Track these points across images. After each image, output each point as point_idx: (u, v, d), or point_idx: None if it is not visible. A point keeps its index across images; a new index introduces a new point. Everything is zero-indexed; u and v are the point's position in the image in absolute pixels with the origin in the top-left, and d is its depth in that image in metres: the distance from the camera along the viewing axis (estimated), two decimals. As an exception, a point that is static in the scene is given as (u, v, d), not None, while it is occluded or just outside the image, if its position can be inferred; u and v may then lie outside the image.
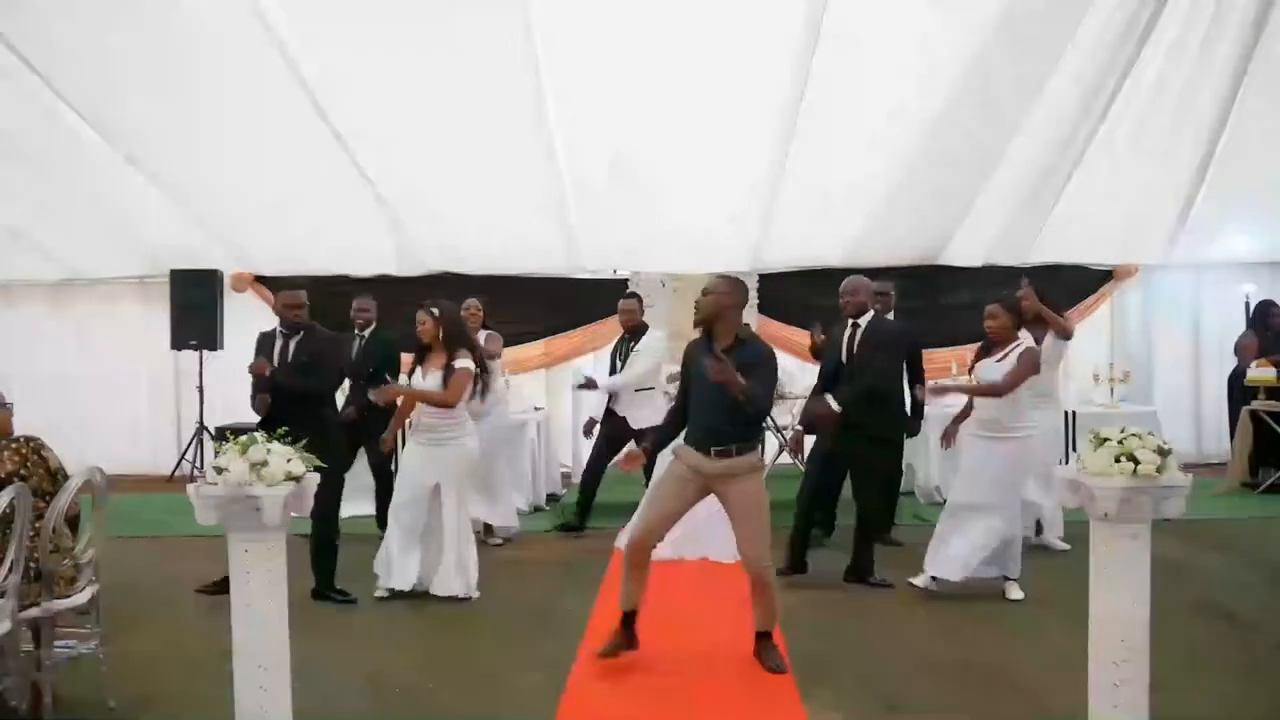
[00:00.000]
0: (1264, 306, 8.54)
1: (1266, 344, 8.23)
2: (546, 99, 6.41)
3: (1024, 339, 5.10)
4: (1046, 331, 5.86)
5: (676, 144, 6.86)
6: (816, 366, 5.88)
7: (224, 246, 8.53)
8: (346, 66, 6.15)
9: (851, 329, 5.45)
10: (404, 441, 5.64)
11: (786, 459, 8.29)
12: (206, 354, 8.70)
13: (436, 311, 5.17)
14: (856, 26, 5.78)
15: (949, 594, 5.06)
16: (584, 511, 6.69)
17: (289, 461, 3.09)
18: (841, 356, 5.45)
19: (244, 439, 3.12)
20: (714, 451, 4.06)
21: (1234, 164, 7.45)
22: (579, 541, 6.49)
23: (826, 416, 5.32)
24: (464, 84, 6.31)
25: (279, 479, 3.04)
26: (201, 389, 8.68)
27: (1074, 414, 7.41)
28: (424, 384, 5.14)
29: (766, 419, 4.14)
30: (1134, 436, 3.09)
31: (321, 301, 8.26)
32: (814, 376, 5.88)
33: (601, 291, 8.60)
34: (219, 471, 3.04)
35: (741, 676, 4.04)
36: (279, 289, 5.72)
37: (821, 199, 7.56)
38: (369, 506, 6.54)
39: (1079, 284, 9.11)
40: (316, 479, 3.25)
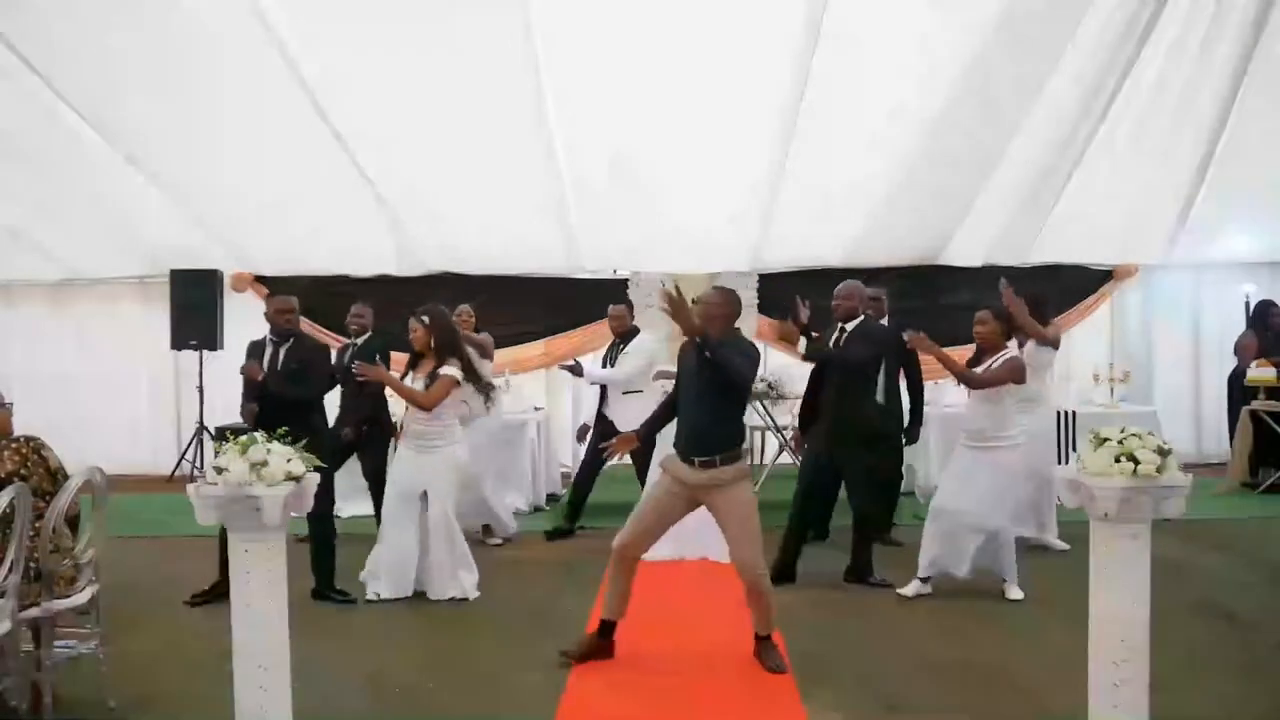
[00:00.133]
0: (1263, 306, 8.55)
1: (1266, 344, 8.23)
2: (546, 99, 6.41)
3: (1011, 348, 5.12)
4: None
5: (676, 144, 6.86)
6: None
7: (224, 246, 8.53)
8: (346, 66, 6.15)
9: (839, 333, 5.50)
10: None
11: (787, 459, 8.30)
12: (206, 354, 8.70)
13: (427, 320, 5.17)
14: (856, 26, 5.78)
15: (949, 594, 5.05)
16: (574, 513, 6.68)
17: (289, 461, 3.09)
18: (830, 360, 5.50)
19: (244, 439, 3.12)
20: (698, 462, 4.07)
21: (1234, 164, 7.45)
22: (579, 541, 6.49)
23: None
24: (464, 84, 6.31)
25: (279, 479, 3.04)
26: (201, 389, 8.69)
27: (1074, 414, 7.41)
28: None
29: (748, 410, 4.15)
30: (1134, 436, 3.09)
31: (322, 302, 8.41)
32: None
33: (601, 291, 8.59)
34: (219, 471, 3.04)
35: (741, 676, 4.04)
36: (278, 289, 5.73)
37: (821, 199, 7.56)
38: (369, 507, 6.53)
39: (1079, 284, 9.13)
40: (316, 479, 3.25)
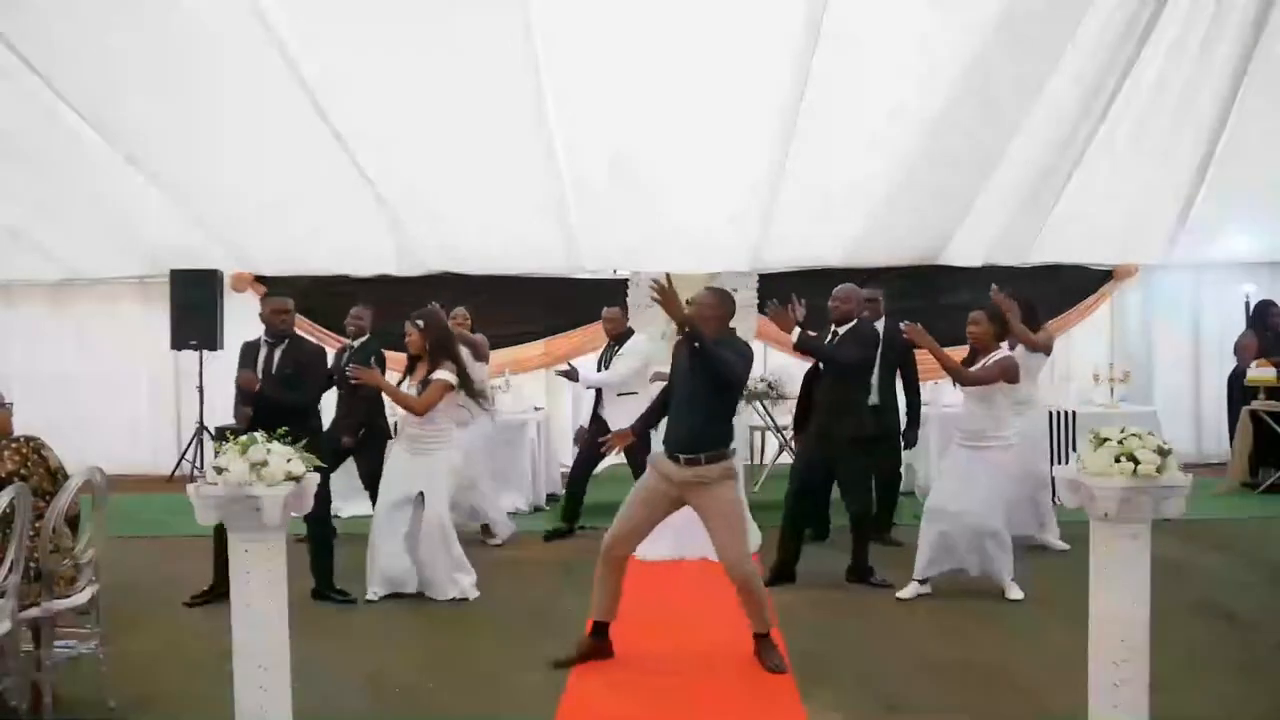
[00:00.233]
0: (1263, 306, 8.54)
1: (1266, 344, 8.23)
2: (546, 99, 6.41)
3: (1005, 348, 5.12)
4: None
5: (676, 144, 6.86)
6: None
7: (224, 246, 8.53)
8: (346, 66, 6.15)
9: (832, 335, 5.53)
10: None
11: (787, 459, 8.30)
12: (206, 354, 8.70)
13: (421, 324, 5.18)
14: (856, 26, 5.77)
15: (949, 594, 5.05)
16: (571, 513, 6.67)
17: (289, 461, 3.09)
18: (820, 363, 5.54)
19: (244, 439, 3.12)
20: (683, 460, 4.08)
21: (1234, 164, 7.45)
22: (578, 542, 6.48)
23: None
24: (464, 84, 6.31)
25: (279, 479, 3.04)
26: (201, 389, 8.68)
27: (1074, 414, 7.40)
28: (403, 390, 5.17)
29: (737, 410, 4.17)
30: (1134, 436, 3.09)
31: (322, 302, 8.41)
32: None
33: (601, 291, 8.58)
34: (219, 471, 3.04)
35: (741, 676, 4.04)
36: (278, 289, 5.72)
37: (821, 199, 7.56)
38: (369, 507, 6.53)
39: (1079, 284, 9.13)
40: (316, 479, 3.25)
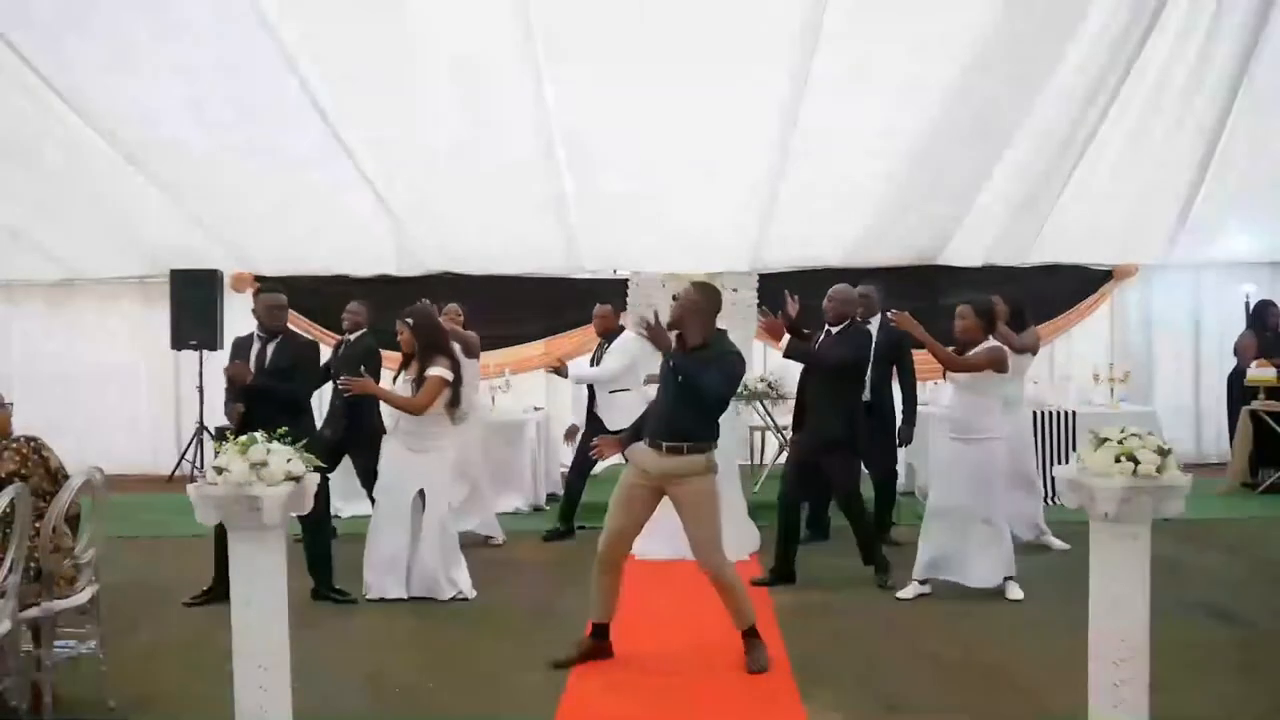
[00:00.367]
0: (1263, 306, 8.54)
1: (1266, 344, 8.23)
2: (546, 99, 6.41)
3: (992, 341, 5.08)
4: (1018, 332, 5.81)
5: (677, 144, 6.86)
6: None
7: (224, 246, 8.54)
8: (347, 66, 6.16)
9: (825, 335, 5.54)
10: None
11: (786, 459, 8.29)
12: (206, 354, 8.70)
13: (411, 322, 5.16)
14: (856, 27, 5.78)
15: (949, 594, 5.05)
16: (569, 514, 6.65)
17: (289, 461, 3.09)
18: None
19: (244, 439, 3.12)
20: (665, 448, 4.06)
21: (1234, 164, 7.45)
22: (578, 542, 6.47)
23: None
24: (464, 84, 6.32)
25: (279, 479, 3.04)
26: (201, 389, 8.68)
27: (1074, 414, 7.41)
28: (401, 390, 5.14)
29: (724, 411, 4.19)
30: (1134, 436, 3.09)
31: (322, 302, 8.40)
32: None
33: (601, 292, 8.57)
34: (219, 471, 3.04)
35: (741, 676, 4.04)
36: (275, 287, 5.69)
37: (821, 199, 7.56)
38: (369, 507, 6.52)
39: (1079, 284, 9.13)
40: (316, 479, 3.25)
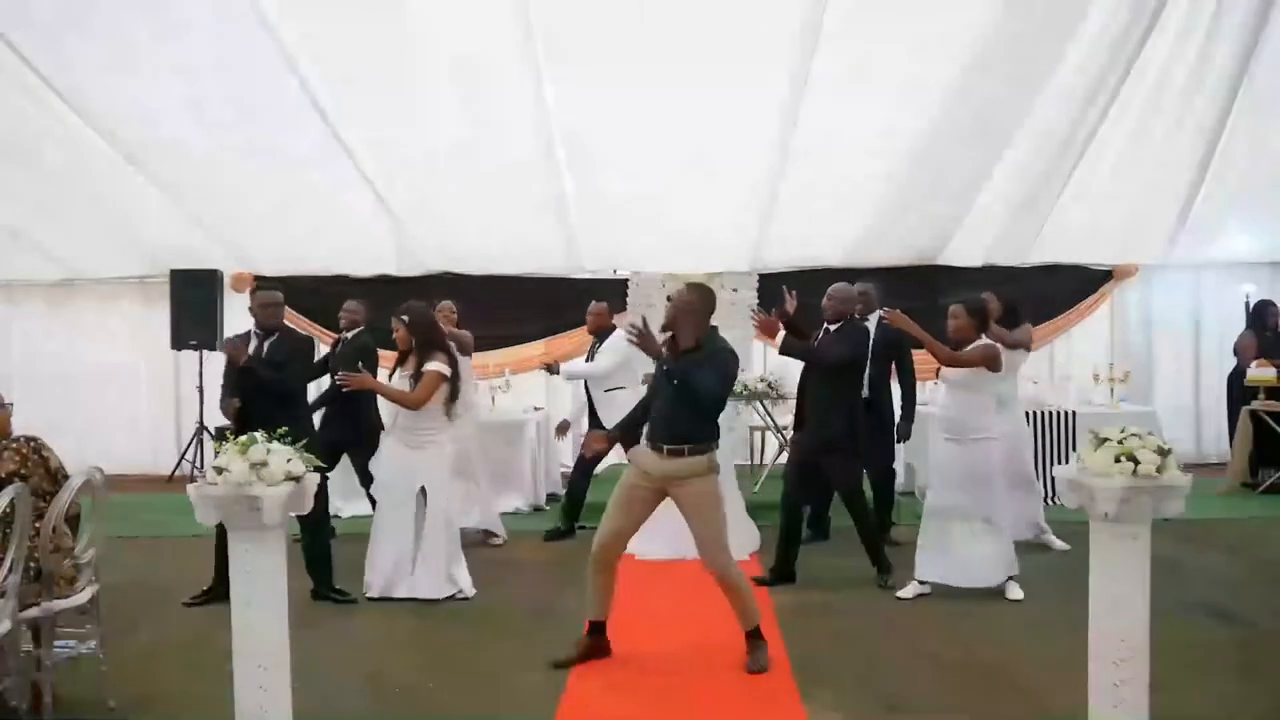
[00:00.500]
0: (1262, 306, 8.54)
1: (1265, 344, 8.23)
2: (547, 99, 6.41)
3: (985, 339, 5.08)
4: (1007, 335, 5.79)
5: (676, 144, 6.86)
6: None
7: (224, 246, 8.54)
8: (346, 66, 6.16)
9: (824, 334, 5.53)
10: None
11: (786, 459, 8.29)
12: (206, 354, 8.70)
13: (406, 319, 5.16)
14: (856, 27, 5.78)
15: (949, 594, 5.05)
16: (572, 514, 6.65)
17: (289, 461, 3.09)
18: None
19: (244, 439, 3.12)
20: (666, 450, 4.07)
21: (1234, 164, 7.46)
22: (579, 542, 6.46)
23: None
24: (464, 83, 6.32)
25: (279, 479, 3.04)
26: (201, 389, 8.68)
27: (1074, 414, 7.41)
28: (398, 386, 5.15)
29: (721, 412, 4.20)
30: (1134, 436, 3.09)
31: (322, 301, 8.40)
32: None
33: (601, 292, 8.57)
34: (219, 471, 3.04)
35: (741, 676, 4.04)
36: (274, 287, 5.69)
37: (821, 199, 7.57)
38: (369, 507, 6.52)
39: (1079, 284, 9.14)
40: (316, 479, 3.25)
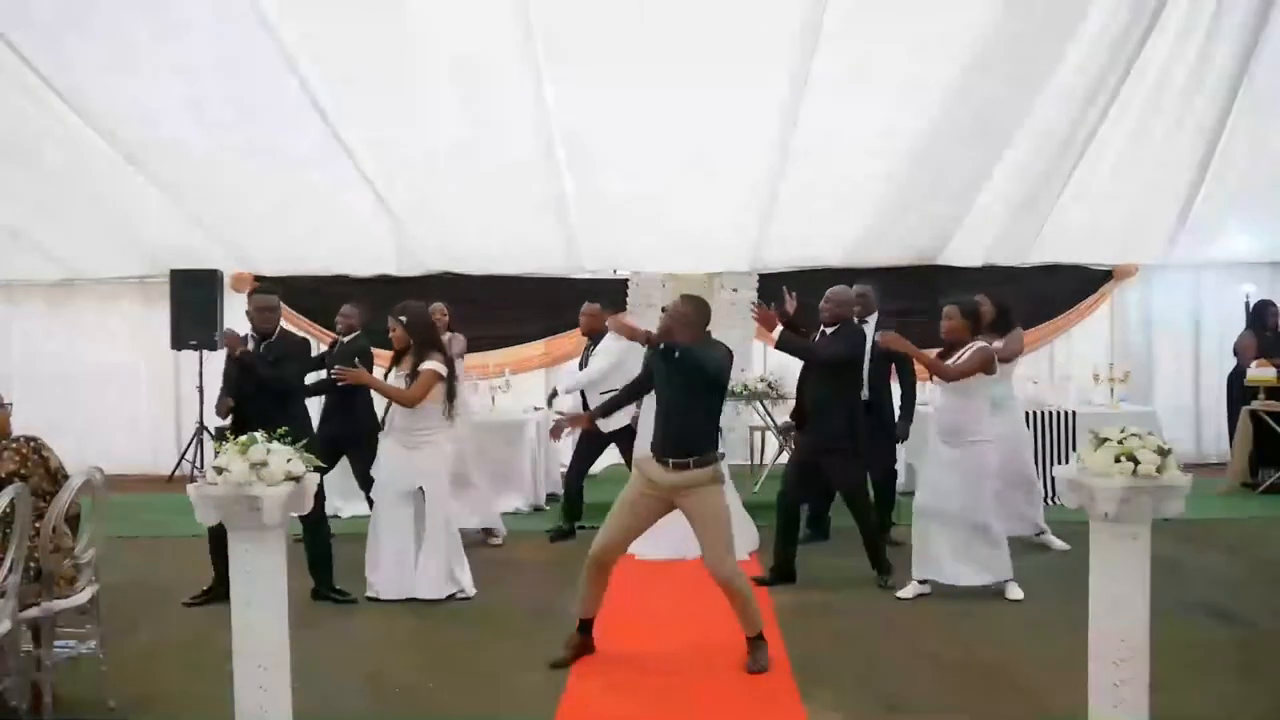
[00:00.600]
0: (1262, 306, 8.54)
1: (1266, 344, 8.23)
2: (546, 99, 6.41)
3: (979, 341, 5.06)
4: (999, 338, 5.74)
5: (676, 144, 6.86)
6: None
7: (224, 246, 8.54)
8: (346, 66, 6.16)
9: (821, 337, 5.53)
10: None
11: (786, 459, 8.29)
12: (206, 354, 8.69)
13: (405, 319, 5.17)
14: (856, 27, 5.78)
15: (948, 594, 5.05)
16: (571, 514, 6.64)
17: (289, 461, 3.09)
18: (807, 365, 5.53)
19: (244, 439, 3.12)
20: (671, 463, 4.09)
21: (1234, 164, 7.46)
22: (579, 542, 6.46)
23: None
24: (464, 83, 6.32)
25: (279, 479, 3.04)
26: (201, 389, 8.67)
27: (1074, 414, 7.41)
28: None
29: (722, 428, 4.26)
30: (1134, 436, 3.09)
31: (322, 301, 8.40)
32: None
33: (601, 292, 8.58)
34: (219, 471, 3.04)
35: (741, 676, 4.04)
36: (274, 288, 5.67)
37: (821, 199, 7.57)
38: (368, 507, 6.52)
39: (1079, 284, 9.14)
40: (316, 479, 3.25)
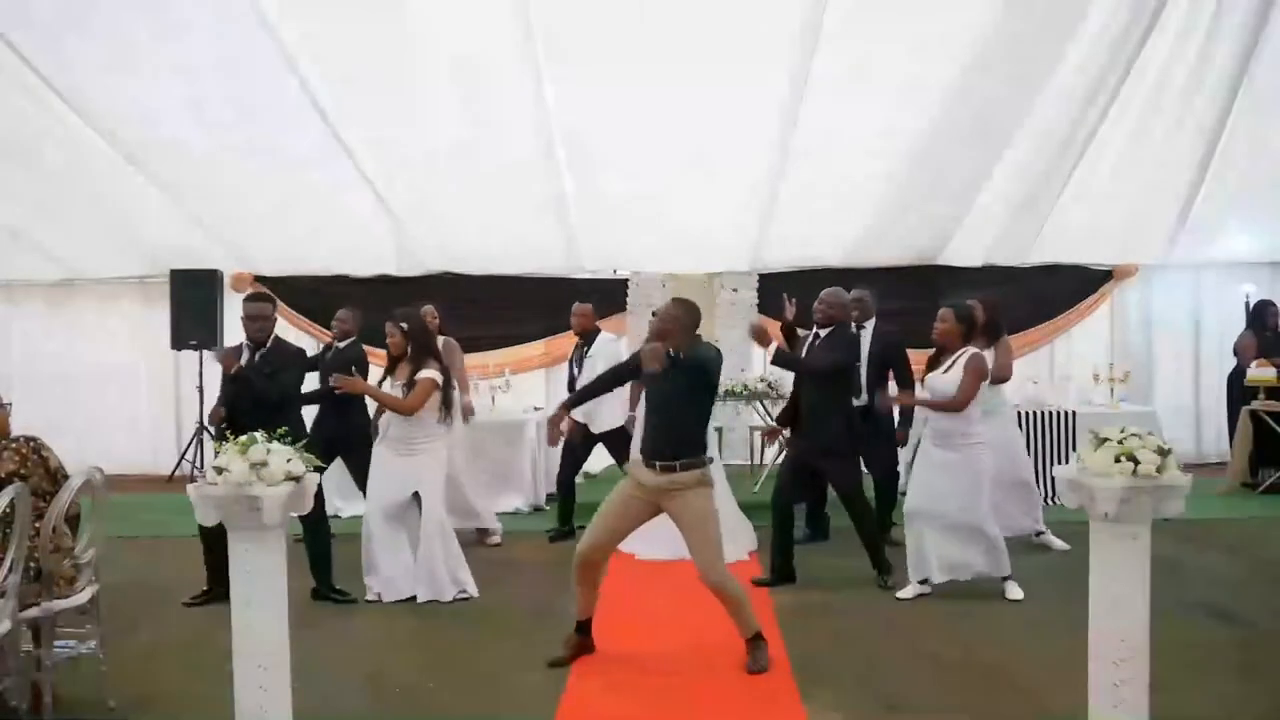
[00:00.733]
0: (1262, 306, 8.53)
1: (1266, 344, 8.22)
2: (546, 99, 6.42)
3: (970, 348, 5.04)
4: (990, 344, 5.71)
5: (676, 144, 6.87)
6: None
7: (224, 246, 8.54)
8: (346, 66, 6.16)
9: (813, 338, 5.49)
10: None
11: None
12: (206, 354, 8.70)
13: (405, 326, 5.15)
14: (856, 27, 5.79)
15: (948, 594, 5.05)
16: (566, 516, 6.63)
17: (289, 461, 3.09)
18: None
19: (244, 439, 3.12)
20: (659, 466, 4.09)
21: (1234, 164, 7.46)
22: (578, 542, 6.47)
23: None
24: (464, 83, 6.32)
25: (279, 479, 3.04)
26: (201, 389, 8.68)
27: (1074, 414, 7.41)
28: (391, 393, 5.12)
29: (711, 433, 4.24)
30: (1134, 436, 3.09)
31: (322, 301, 8.40)
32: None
33: (601, 291, 8.59)
34: (219, 471, 3.04)
35: (741, 676, 4.04)
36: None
37: (821, 199, 7.57)
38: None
39: (1079, 284, 9.14)
40: (316, 479, 3.25)
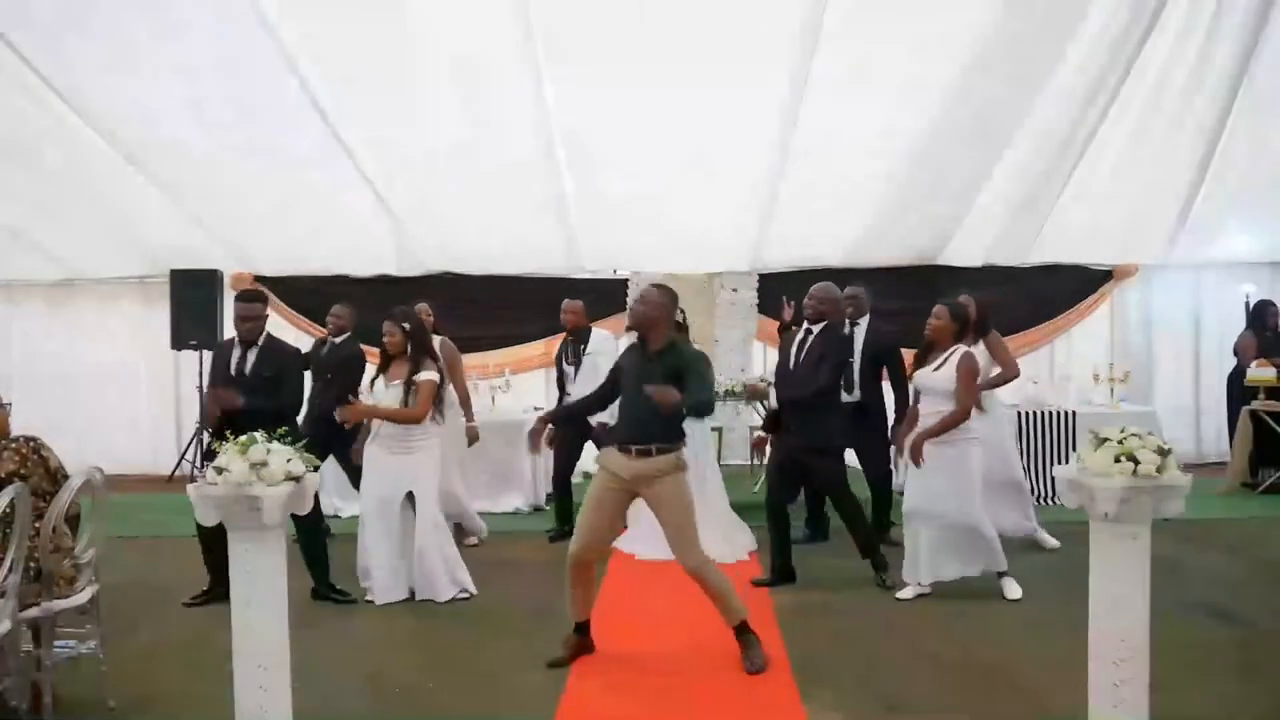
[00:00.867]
0: (1262, 306, 8.53)
1: (1266, 344, 8.22)
2: (546, 99, 6.42)
3: (961, 346, 5.02)
4: (977, 340, 5.68)
5: (676, 144, 6.87)
6: None
7: (224, 246, 8.54)
8: (346, 66, 6.16)
9: (804, 334, 5.43)
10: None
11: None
12: (206, 354, 8.69)
13: (407, 326, 5.12)
14: (856, 27, 5.79)
15: (948, 594, 5.05)
16: (565, 515, 6.63)
17: (289, 461, 3.09)
18: (789, 363, 5.43)
19: (244, 439, 3.12)
20: (634, 450, 4.07)
21: (1234, 164, 7.46)
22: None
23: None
24: (464, 83, 6.32)
25: (279, 479, 3.05)
26: (201, 389, 8.66)
27: (1074, 414, 7.41)
28: (385, 393, 5.10)
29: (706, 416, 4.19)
30: (1134, 436, 3.09)
31: (322, 301, 8.38)
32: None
33: (602, 291, 8.60)
34: (219, 471, 3.04)
35: (741, 676, 4.04)
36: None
37: (821, 199, 7.57)
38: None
39: (1079, 284, 9.14)
40: (316, 479, 3.25)
